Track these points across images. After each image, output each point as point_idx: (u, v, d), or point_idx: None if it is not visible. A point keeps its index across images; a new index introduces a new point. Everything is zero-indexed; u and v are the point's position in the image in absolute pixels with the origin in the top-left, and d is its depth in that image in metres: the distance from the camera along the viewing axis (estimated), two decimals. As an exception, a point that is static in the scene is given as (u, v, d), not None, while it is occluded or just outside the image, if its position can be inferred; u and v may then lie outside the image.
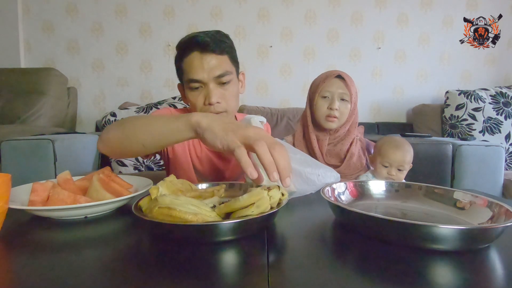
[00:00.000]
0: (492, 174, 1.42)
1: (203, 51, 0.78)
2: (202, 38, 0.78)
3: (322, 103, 1.00)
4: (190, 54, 0.80)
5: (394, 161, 0.95)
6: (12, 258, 0.38)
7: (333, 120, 0.99)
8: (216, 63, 0.79)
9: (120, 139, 0.62)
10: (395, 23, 2.26)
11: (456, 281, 0.33)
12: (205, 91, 0.80)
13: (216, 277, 0.33)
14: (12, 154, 1.34)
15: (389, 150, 0.97)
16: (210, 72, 0.78)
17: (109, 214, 0.54)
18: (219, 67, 0.79)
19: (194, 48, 0.79)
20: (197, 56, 0.79)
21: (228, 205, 0.42)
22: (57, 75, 2.05)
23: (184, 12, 2.19)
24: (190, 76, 0.79)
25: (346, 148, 1.02)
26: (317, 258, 0.38)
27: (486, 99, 1.94)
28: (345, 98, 0.98)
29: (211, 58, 0.79)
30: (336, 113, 0.98)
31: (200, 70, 0.78)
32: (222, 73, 0.79)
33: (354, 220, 0.44)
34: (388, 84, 2.31)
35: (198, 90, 0.81)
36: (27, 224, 0.50)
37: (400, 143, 0.98)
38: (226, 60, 0.81)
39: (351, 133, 1.03)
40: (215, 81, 0.80)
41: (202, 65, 0.78)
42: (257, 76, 2.27)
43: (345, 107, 0.98)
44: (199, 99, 0.81)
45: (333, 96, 0.98)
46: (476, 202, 0.50)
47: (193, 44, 0.79)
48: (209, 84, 0.79)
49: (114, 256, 0.38)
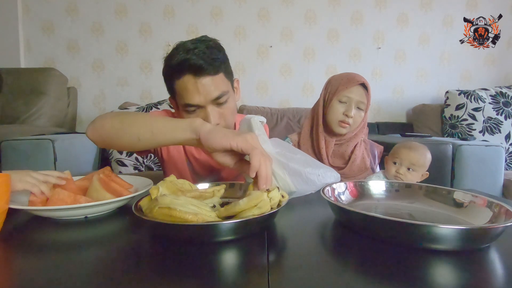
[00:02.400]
0: (492, 174, 1.42)
1: (197, 75, 0.73)
2: (195, 61, 0.72)
3: (338, 107, 0.97)
4: (182, 77, 0.74)
5: (404, 159, 0.93)
6: (12, 258, 0.38)
7: (345, 126, 0.97)
8: (212, 85, 0.74)
9: (115, 128, 0.61)
10: (395, 23, 2.26)
11: (456, 281, 0.33)
12: (202, 114, 0.76)
13: (216, 277, 0.33)
14: (12, 154, 1.34)
15: (402, 149, 0.95)
16: (207, 96, 0.74)
17: (109, 214, 0.54)
18: (216, 89, 0.75)
19: (187, 71, 0.73)
20: (191, 80, 0.73)
21: (228, 209, 0.42)
22: (57, 75, 2.05)
23: (184, 12, 2.19)
24: (186, 101, 0.75)
25: (350, 150, 1.01)
26: (317, 258, 0.38)
27: (486, 99, 1.94)
28: (361, 107, 0.97)
29: (206, 81, 0.74)
30: (350, 120, 0.96)
31: (196, 95, 0.74)
32: (219, 95, 0.75)
33: (354, 220, 0.44)
34: (388, 84, 2.31)
35: (195, 112, 0.77)
36: (27, 224, 0.50)
37: (415, 145, 0.96)
38: (221, 78, 0.77)
39: (358, 136, 1.02)
40: (213, 103, 0.76)
41: (198, 89, 0.73)
42: (257, 76, 2.27)
43: (359, 115, 0.97)
44: None
45: (351, 103, 0.96)
46: (476, 202, 0.50)
47: (185, 66, 0.73)
48: (206, 107, 0.75)
49: (114, 256, 0.38)
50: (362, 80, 0.96)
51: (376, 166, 1.06)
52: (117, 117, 0.64)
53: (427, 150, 0.96)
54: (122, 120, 0.62)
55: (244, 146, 0.49)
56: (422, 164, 0.93)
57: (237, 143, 0.50)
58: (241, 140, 0.50)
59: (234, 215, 0.42)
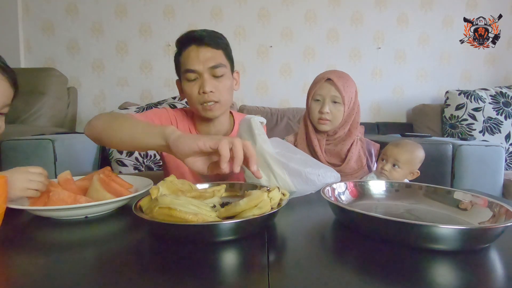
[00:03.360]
0: (492, 174, 1.42)
1: (199, 45, 0.85)
2: (199, 32, 0.85)
3: (314, 106, 1.01)
4: (187, 47, 0.86)
5: (389, 156, 0.93)
6: (12, 258, 0.38)
7: (325, 123, 0.99)
8: (211, 56, 0.85)
9: (104, 130, 0.68)
10: (395, 23, 2.26)
11: (456, 281, 0.33)
12: (200, 82, 0.86)
13: (216, 277, 0.33)
14: (12, 154, 1.34)
15: (389, 146, 0.96)
16: (205, 63, 0.84)
17: (109, 214, 0.54)
18: (214, 59, 0.85)
19: (192, 42, 0.85)
20: (194, 49, 0.85)
21: (228, 209, 0.42)
22: (57, 75, 2.05)
23: (184, 12, 2.19)
24: (187, 66, 0.85)
25: (346, 148, 1.02)
26: (317, 258, 0.38)
27: (486, 99, 1.94)
28: (337, 100, 0.97)
29: (206, 51, 0.84)
30: (328, 116, 0.98)
31: (196, 61, 0.84)
32: (216, 65, 0.85)
33: (354, 220, 0.44)
34: (388, 84, 2.31)
35: (193, 81, 0.86)
36: (27, 224, 0.50)
37: (403, 142, 0.96)
38: (220, 54, 0.87)
39: (352, 133, 1.02)
40: (210, 72, 0.85)
41: (198, 56, 0.84)
42: (257, 76, 2.27)
43: (337, 109, 0.98)
44: (194, 88, 0.86)
45: (324, 99, 0.98)
46: (476, 202, 0.50)
47: (190, 38, 0.86)
48: (203, 74, 0.85)
49: (114, 256, 0.38)
50: (328, 75, 0.98)
51: (373, 165, 1.06)
52: (108, 119, 0.70)
53: (417, 148, 0.95)
54: (111, 123, 0.68)
55: (211, 143, 0.50)
56: (406, 160, 0.92)
57: (204, 143, 0.50)
58: (208, 139, 0.51)
59: (235, 215, 0.42)
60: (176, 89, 0.96)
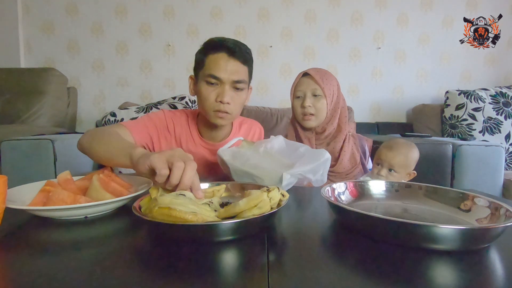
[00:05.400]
0: (492, 174, 1.41)
1: (230, 55, 0.87)
2: (233, 43, 0.88)
3: (296, 104, 1.00)
4: (217, 53, 0.88)
5: (384, 160, 0.91)
6: (12, 258, 0.38)
7: (310, 118, 0.98)
8: (238, 70, 0.88)
9: (89, 146, 0.74)
10: (395, 23, 2.26)
11: (456, 281, 0.33)
12: (219, 89, 0.88)
13: (216, 277, 0.33)
14: (12, 154, 1.34)
15: (383, 149, 0.93)
16: (231, 75, 0.87)
17: (109, 214, 0.54)
18: (239, 74, 0.88)
19: (223, 50, 0.87)
20: (224, 57, 0.87)
21: (228, 210, 0.42)
22: (57, 75, 2.05)
23: (184, 12, 2.19)
24: (212, 72, 0.87)
25: (339, 147, 1.00)
26: (317, 258, 0.38)
27: (486, 99, 1.94)
28: (318, 93, 0.97)
29: (234, 64, 0.88)
30: (311, 110, 0.97)
31: (223, 70, 0.86)
32: (239, 80, 0.88)
33: (354, 220, 0.44)
34: (388, 84, 2.31)
35: (213, 86, 0.88)
36: (27, 224, 0.50)
37: (396, 144, 0.92)
38: (245, 70, 0.91)
39: (343, 129, 1.01)
40: (232, 84, 0.88)
41: (226, 66, 0.87)
42: (257, 76, 2.27)
43: (320, 103, 0.97)
44: (212, 94, 0.88)
45: (304, 94, 0.98)
46: (476, 202, 0.49)
47: (223, 45, 0.87)
48: (225, 84, 0.87)
49: (114, 256, 0.38)
50: (305, 71, 1.00)
51: (367, 162, 1.04)
52: (92, 137, 0.76)
53: (411, 148, 0.92)
54: (93, 141, 0.74)
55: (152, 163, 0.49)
56: (403, 164, 0.90)
57: (150, 161, 0.49)
58: (155, 157, 0.49)
59: (235, 215, 0.42)
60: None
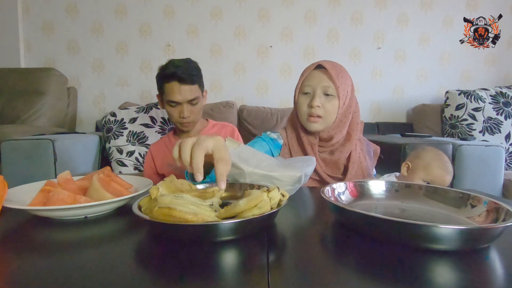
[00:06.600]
0: (492, 174, 1.42)
1: (181, 83, 1.13)
2: (181, 74, 1.11)
3: (303, 101, 0.82)
4: (171, 82, 1.13)
5: (436, 182, 0.93)
6: (12, 258, 0.38)
7: (316, 121, 0.80)
8: (189, 91, 1.14)
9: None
10: (395, 23, 2.26)
11: (456, 281, 0.33)
12: (179, 108, 1.16)
13: (216, 277, 0.32)
14: (12, 154, 1.34)
15: (439, 171, 0.94)
16: (185, 97, 1.15)
17: (109, 214, 0.54)
18: (191, 93, 1.15)
19: (175, 79, 1.13)
20: (176, 86, 1.13)
21: (228, 210, 0.42)
22: (57, 75, 2.05)
23: (184, 12, 2.19)
24: (170, 98, 1.15)
25: (345, 157, 0.84)
26: (317, 258, 0.38)
27: (486, 99, 1.94)
28: (330, 92, 0.79)
29: (185, 88, 1.14)
30: (319, 111, 0.79)
31: (178, 95, 1.14)
32: (193, 98, 1.16)
33: (354, 220, 0.44)
34: (388, 84, 2.31)
35: (175, 107, 1.17)
36: (27, 224, 0.50)
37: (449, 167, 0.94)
38: (196, 88, 1.17)
39: (352, 138, 0.84)
40: (188, 102, 1.16)
41: (180, 92, 1.13)
42: (257, 76, 2.27)
43: (330, 103, 0.80)
44: (175, 113, 1.18)
45: (314, 90, 0.80)
46: (476, 202, 0.49)
47: (175, 76, 1.12)
48: (183, 104, 1.15)
49: (114, 256, 0.38)
50: (319, 62, 0.82)
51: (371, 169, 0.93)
52: None
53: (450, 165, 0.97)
54: None
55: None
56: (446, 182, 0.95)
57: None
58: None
59: (235, 215, 0.42)
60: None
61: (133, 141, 1.76)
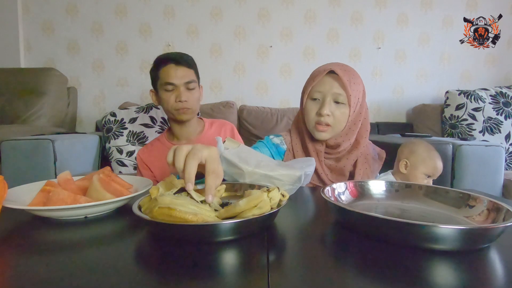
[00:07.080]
0: (492, 174, 1.41)
1: (177, 64, 1.09)
2: (176, 55, 1.11)
3: (311, 107, 0.79)
4: (166, 65, 1.10)
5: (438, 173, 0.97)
6: (12, 258, 0.38)
7: (325, 130, 0.77)
8: (186, 73, 1.10)
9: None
10: (395, 23, 2.26)
11: (456, 281, 0.33)
12: (176, 92, 1.09)
13: (216, 277, 0.32)
14: (12, 154, 1.34)
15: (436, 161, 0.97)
16: (182, 79, 1.09)
17: (109, 214, 0.54)
18: (188, 76, 1.10)
19: (170, 62, 1.10)
20: (173, 67, 1.09)
21: (228, 210, 0.42)
22: (57, 75, 2.05)
23: (184, 12, 2.19)
24: (167, 80, 1.08)
25: (351, 164, 0.81)
26: (317, 258, 0.38)
27: (486, 99, 1.94)
28: (341, 100, 0.76)
29: (182, 69, 1.09)
30: (329, 119, 0.76)
31: (174, 77, 1.08)
32: (190, 81, 1.10)
33: (354, 220, 0.44)
34: (388, 84, 2.31)
35: (171, 92, 1.10)
36: (27, 224, 0.50)
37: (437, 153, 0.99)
38: (192, 73, 1.12)
39: (360, 145, 0.81)
40: (184, 85, 1.09)
41: (176, 73, 1.09)
42: (257, 76, 2.27)
43: (341, 112, 0.77)
44: (172, 97, 1.10)
45: (324, 98, 0.77)
46: (476, 202, 0.49)
47: (170, 58, 1.10)
48: (180, 87, 1.09)
49: (114, 256, 0.38)
50: (331, 67, 0.77)
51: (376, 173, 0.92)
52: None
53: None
54: None
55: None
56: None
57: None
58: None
59: (235, 215, 0.42)
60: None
61: (133, 141, 1.77)
